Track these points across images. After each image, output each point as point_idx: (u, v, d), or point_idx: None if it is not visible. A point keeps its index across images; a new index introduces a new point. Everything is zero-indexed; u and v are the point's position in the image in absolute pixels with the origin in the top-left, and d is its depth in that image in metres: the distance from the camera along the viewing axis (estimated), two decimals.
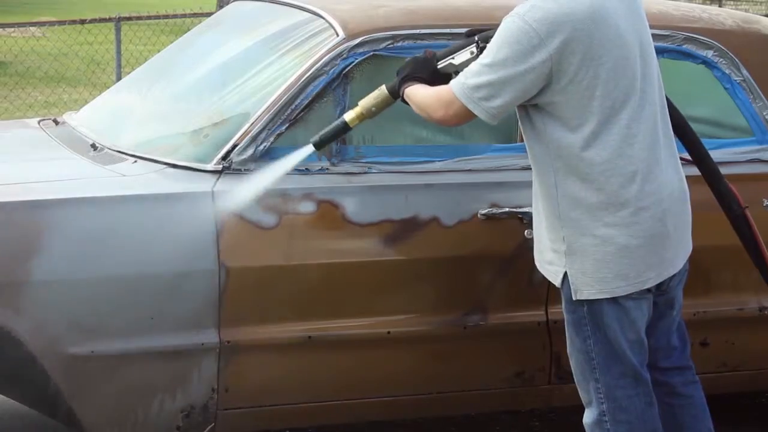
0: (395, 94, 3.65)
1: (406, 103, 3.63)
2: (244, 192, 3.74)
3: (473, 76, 3.38)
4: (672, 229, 3.47)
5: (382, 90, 3.69)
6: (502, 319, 4.04)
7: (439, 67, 3.62)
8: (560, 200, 3.44)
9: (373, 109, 3.70)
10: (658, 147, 3.43)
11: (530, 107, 3.43)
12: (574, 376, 3.61)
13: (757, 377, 4.44)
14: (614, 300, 3.45)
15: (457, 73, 3.54)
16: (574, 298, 3.48)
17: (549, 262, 3.56)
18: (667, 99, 3.63)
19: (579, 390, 3.61)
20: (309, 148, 3.76)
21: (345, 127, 3.72)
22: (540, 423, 4.86)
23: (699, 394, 3.74)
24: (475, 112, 3.40)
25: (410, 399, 4.09)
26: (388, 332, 3.95)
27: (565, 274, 3.49)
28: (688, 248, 3.59)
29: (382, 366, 3.99)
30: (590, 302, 3.47)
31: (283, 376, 3.90)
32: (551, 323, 4.05)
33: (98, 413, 3.76)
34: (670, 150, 3.51)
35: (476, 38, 3.57)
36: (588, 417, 3.59)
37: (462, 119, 3.47)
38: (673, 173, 3.49)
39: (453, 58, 3.61)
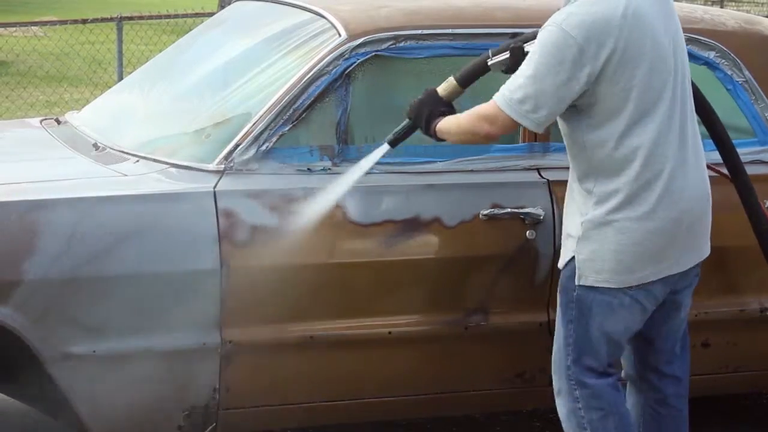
0: (427, 133, 3.70)
1: (441, 139, 3.68)
2: (326, 197, 3.77)
3: (518, 88, 3.43)
4: (685, 230, 3.53)
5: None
6: (504, 319, 4.04)
7: (491, 62, 3.65)
8: (595, 196, 3.49)
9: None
10: (686, 147, 3.50)
11: (568, 110, 3.48)
12: (552, 362, 3.67)
13: (758, 378, 4.43)
14: (610, 293, 3.51)
15: (504, 70, 3.61)
16: (576, 282, 3.54)
17: (564, 246, 3.62)
18: (712, 112, 3.76)
19: (553, 376, 3.67)
20: (384, 147, 3.79)
21: (414, 127, 3.76)
22: (541, 423, 4.86)
23: (686, 408, 3.78)
24: (524, 124, 3.46)
25: (411, 399, 4.09)
26: (390, 332, 3.95)
27: (572, 258, 3.55)
28: (701, 252, 3.64)
29: (384, 366, 3.99)
30: (585, 289, 3.53)
31: (284, 376, 3.90)
32: (552, 324, 4.05)
33: (99, 412, 3.76)
34: (697, 151, 3.56)
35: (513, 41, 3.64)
36: (562, 407, 3.65)
37: (508, 131, 3.55)
38: (697, 175, 3.54)
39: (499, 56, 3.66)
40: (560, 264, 3.63)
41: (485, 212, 3.99)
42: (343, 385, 3.98)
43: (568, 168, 4.06)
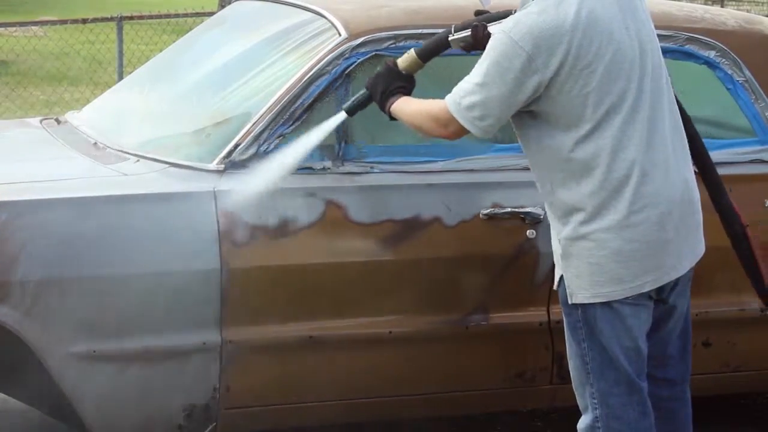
0: (382, 109, 3.66)
1: (393, 118, 3.64)
2: (273, 168, 3.76)
3: (467, 95, 3.38)
4: (673, 234, 3.42)
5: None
6: (504, 319, 4.04)
7: (452, 38, 3.61)
8: (558, 205, 3.43)
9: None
10: (657, 148, 3.39)
11: (523, 115, 3.42)
12: (572, 381, 3.59)
13: (758, 378, 4.44)
14: (609, 305, 3.41)
15: (464, 47, 3.57)
16: (569, 302, 3.46)
17: (556, 264, 3.54)
18: (679, 108, 3.62)
19: (576, 395, 3.58)
20: (342, 115, 3.77)
21: (371, 98, 3.73)
22: (542, 423, 4.87)
23: (684, 411, 3.68)
24: (471, 131, 3.41)
25: (411, 399, 4.09)
26: (390, 332, 3.95)
27: (562, 277, 3.47)
28: (695, 253, 3.54)
29: (384, 366, 3.99)
30: (584, 306, 3.44)
31: (284, 376, 3.90)
32: (553, 323, 4.05)
33: (100, 412, 3.77)
34: (676, 151, 3.45)
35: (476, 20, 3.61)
36: (582, 422, 3.56)
37: (461, 135, 3.48)
38: (676, 176, 3.43)
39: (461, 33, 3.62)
40: (555, 285, 3.54)
41: (485, 212, 3.99)
42: (343, 385, 3.98)
43: None
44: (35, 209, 3.66)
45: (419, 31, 4.02)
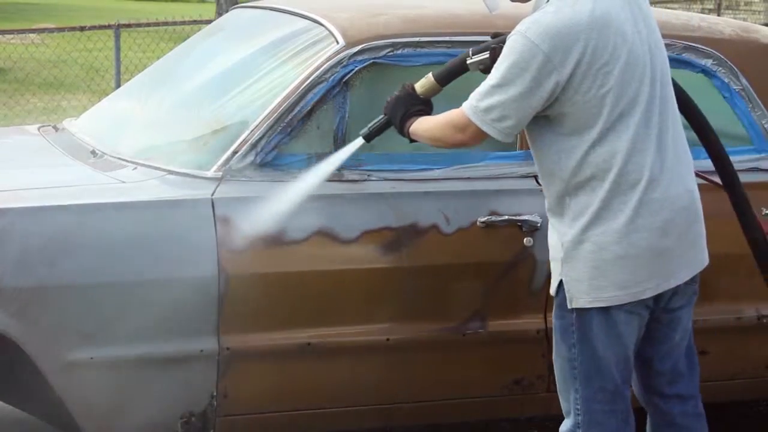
0: (401, 132, 3.66)
1: (413, 140, 3.63)
2: (291, 193, 3.76)
3: (484, 97, 3.36)
4: (675, 241, 3.41)
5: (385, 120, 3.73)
6: (501, 326, 4.04)
7: (470, 61, 3.59)
8: (565, 209, 3.41)
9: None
10: (665, 155, 3.39)
11: (539, 120, 3.40)
12: (557, 385, 3.58)
13: (755, 385, 4.44)
14: (606, 311, 3.40)
15: (482, 69, 3.54)
16: (569, 306, 3.44)
17: (552, 270, 3.52)
18: (707, 124, 3.66)
19: (560, 399, 3.57)
20: (359, 141, 3.77)
21: (389, 122, 3.73)
22: (538, 430, 4.86)
23: (698, 426, 3.67)
24: (490, 134, 3.38)
25: (409, 406, 4.09)
26: (387, 339, 3.96)
27: (561, 282, 3.45)
28: (697, 263, 3.54)
29: (381, 373, 3.99)
30: (580, 311, 3.43)
31: (282, 383, 3.90)
32: (550, 331, 4.05)
33: (97, 419, 3.76)
34: (680, 160, 3.45)
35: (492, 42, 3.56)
36: (563, 426, 3.56)
37: (479, 140, 3.45)
38: (679, 183, 3.42)
39: (479, 56, 3.59)
40: (552, 290, 3.51)
41: (483, 219, 3.99)
42: (341, 392, 3.98)
43: None
44: (33, 216, 3.66)
45: (417, 39, 4.03)
